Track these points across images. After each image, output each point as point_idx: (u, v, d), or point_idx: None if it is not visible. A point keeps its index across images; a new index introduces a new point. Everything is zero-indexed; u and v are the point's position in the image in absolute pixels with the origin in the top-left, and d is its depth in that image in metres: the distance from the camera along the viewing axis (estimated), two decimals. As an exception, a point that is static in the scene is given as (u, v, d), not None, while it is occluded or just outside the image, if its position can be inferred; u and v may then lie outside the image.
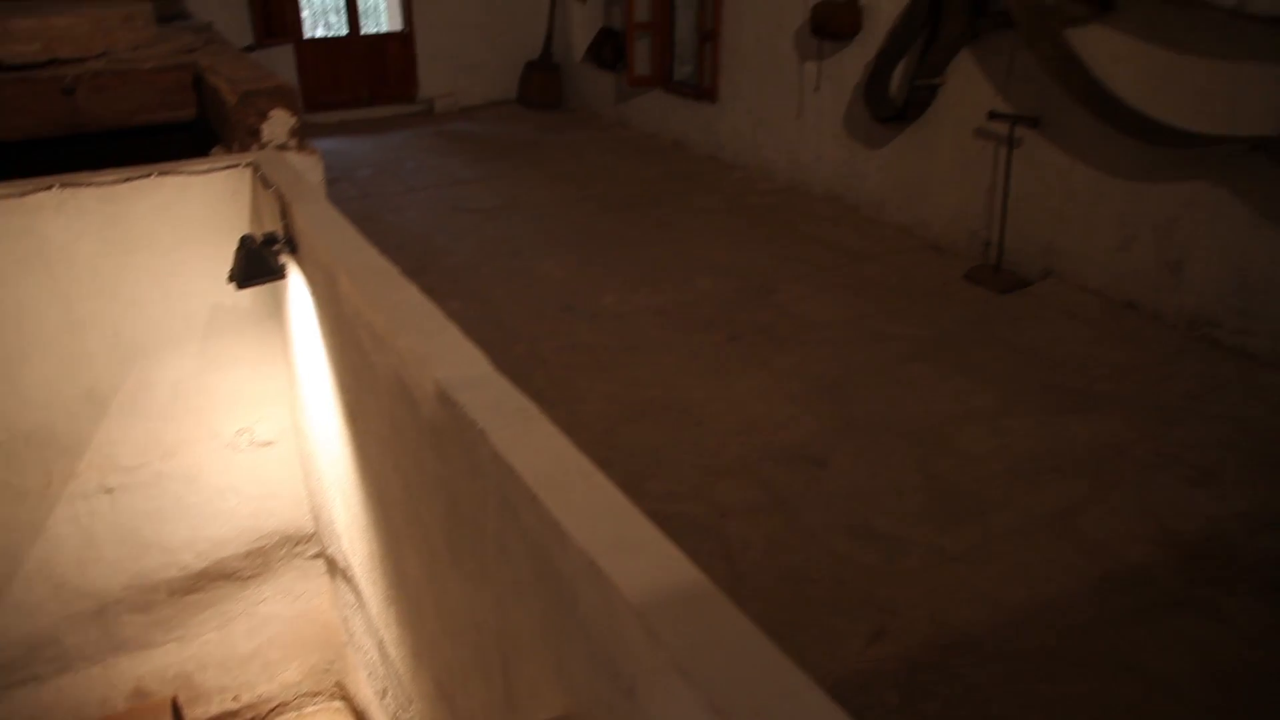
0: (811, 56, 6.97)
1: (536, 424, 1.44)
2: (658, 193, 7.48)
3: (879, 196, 6.64)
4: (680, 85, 8.74)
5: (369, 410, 2.12)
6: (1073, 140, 5.20)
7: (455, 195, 7.54)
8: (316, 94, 10.08)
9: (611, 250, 6.24)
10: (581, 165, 8.33)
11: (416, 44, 10.44)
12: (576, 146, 8.97)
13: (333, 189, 7.37)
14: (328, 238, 2.19)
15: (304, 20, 9.93)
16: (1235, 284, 4.59)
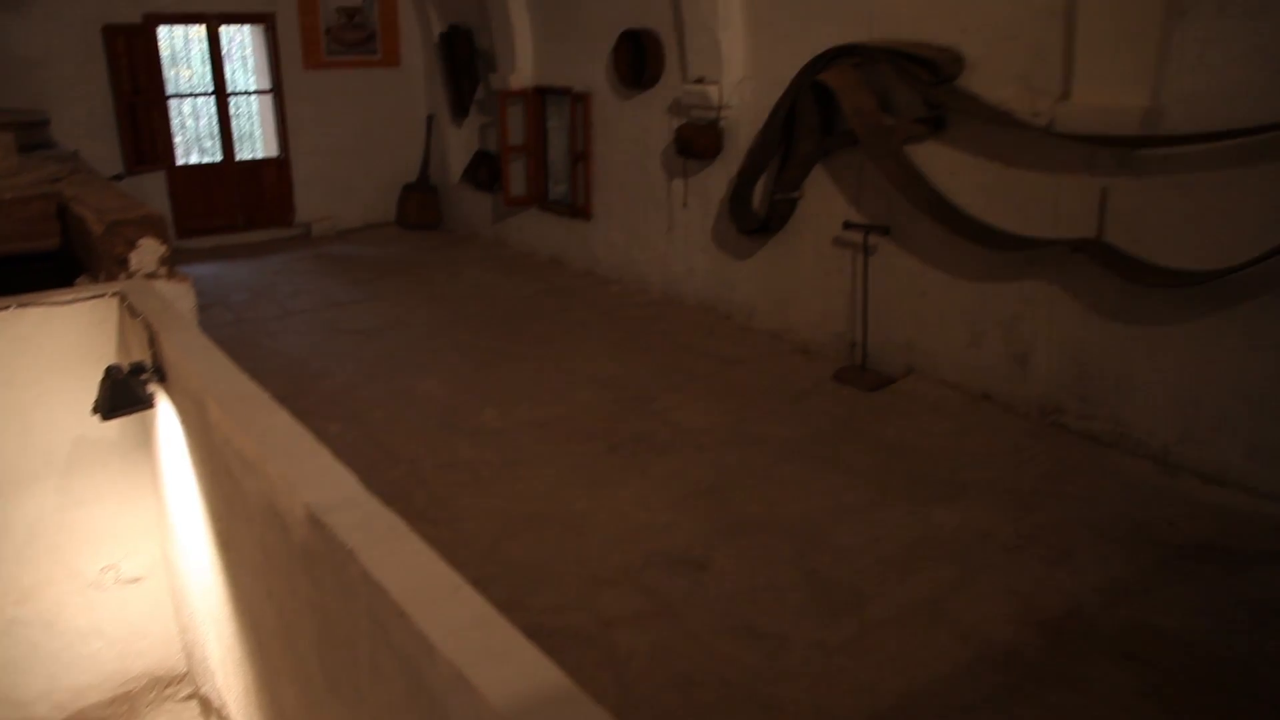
0: (678, 174, 7.32)
1: (406, 542, 1.48)
2: (536, 308, 7.62)
3: (749, 304, 6.94)
4: (556, 204, 9.01)
5: (241, 539, 2.10)
6: (921, 246, 5.59)
7: (334, 317, 7.52)
8: (190, 220, 9.97)
9: (492, 366, 6.30)
10: (460, 284, 8.43)
11: (293, 169, 10.49)
12: (455, 266, 9.09)
13: (206, 315, 7.24)
14: (197, 365, 2.20)
15: (176, 147, 9.88)
16: (1075, 373, 4.96)
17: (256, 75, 10.30)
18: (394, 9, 10.67)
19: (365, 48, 10.63)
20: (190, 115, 10.52)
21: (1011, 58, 4.89)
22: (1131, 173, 4.50)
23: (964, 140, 5.22)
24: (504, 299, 7.92)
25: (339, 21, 10.38)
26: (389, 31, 10.71)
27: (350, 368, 6.34)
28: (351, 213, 10.95)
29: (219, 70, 9.86)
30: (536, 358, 6.46)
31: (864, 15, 5.57)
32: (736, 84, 6.59)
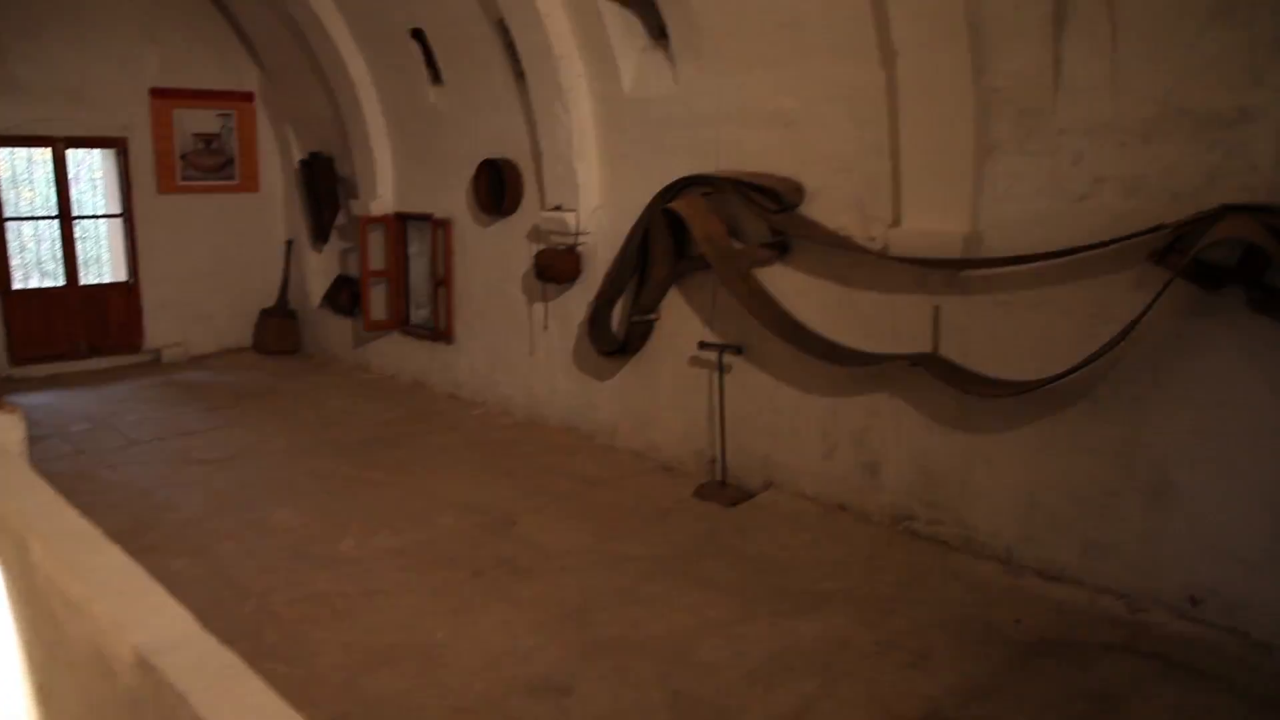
0: (539, 298, 7.45)
1: (245, 682, 1.43)
2: (398, 433, 7.50)
3: (611, 424, 7.02)
4: (417, 328, 8.99)
5: (63, 689, 1.97)
6: (774, 364, 5.82)
7: (183, 447, 7.19)
8: (26, 347, 9.45)
9: (350, 494, 6.13)
10: (319, 410, 8.24)
11: (142, 294, 10.15)
12: (314, 392, 8.89)
13: (39, 448, 6.83)
14: (20, 502, 2.09)
15: (14, 270, 9.43)
16: (922, 481, 5.20)
17: (106, 198, 10.01)
18: (253, 135, 10.65)
19: (223, 173, 10.52)
20: (31, 238, 10.08)
21: (847, 188, 5.26)
22: (959, 292, 4.85)
23: (808, 263, 5.53)
24: (364, 424, 7.77)
25: (195, 147, 10.28)
26: (248, 157, 10.66)
27: (199, 499, 6.06)
28: (205, 338, 10.62)
29: (64, 193, 9.55)
30: (397, 484, 6.33)
31: (711, 148, 5.90)
32: (593, 211, 6.83)
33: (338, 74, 8.70)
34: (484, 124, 7.70)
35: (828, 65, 5.18)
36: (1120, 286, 4.29)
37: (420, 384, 9.04)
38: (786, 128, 5.49)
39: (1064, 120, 4.38)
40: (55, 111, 9.36)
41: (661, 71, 6.18)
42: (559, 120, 6.71)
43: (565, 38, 6.47)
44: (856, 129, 5.15)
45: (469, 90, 7.70)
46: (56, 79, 9.34)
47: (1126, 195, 4.22)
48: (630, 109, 6.41)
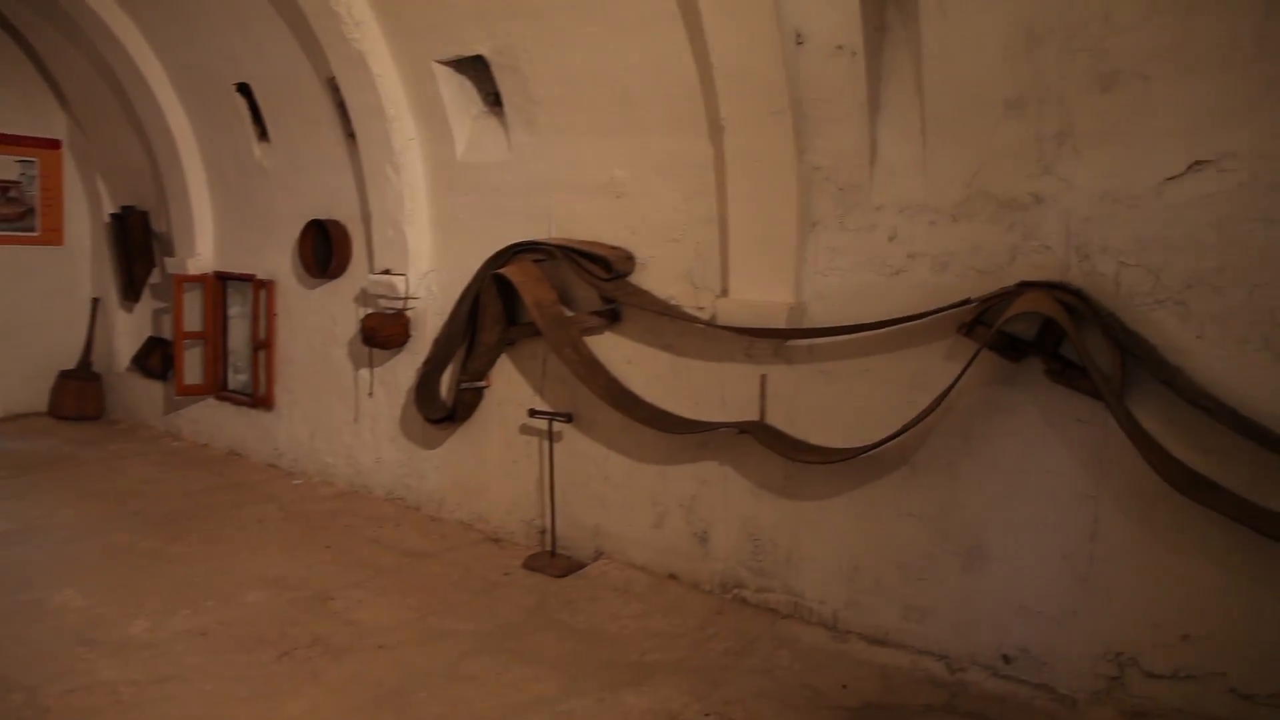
0: (365, 364, 7.17)
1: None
2: (207, 505, 6.99)
3: (439, 495, 6.78)
4: (235, 393, 8.49)
5: None
6: (604, 432, 5.78)
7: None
8: None
9: (149, 571, 5.63)
10: (121, 480, 7.60)
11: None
12: (115, 460, 8.22)
13: None
14: None
15: None
16: (751, 548, 5.22)
17: (-122, 249, 9.08)
18: (58, 185, 9.96)
19: (21, 224, 9.75)
20: None
21: (678, 258, 5.33)
22: (784, 361, 4.96)
23: (638, 332, 5.55)
24: (170, 495, 7.21)
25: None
26: (51, 208, 9.94)
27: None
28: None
29: None
30: (202, 559, 5.86)
31: (544, 215, 5.89)
32: (423, 276, 6.67)
33: (155, 125, 8.26)
34: (312, 183, 7.45)
35: (659, 138, 5.28)
36: (934, 357, 4.48)
37: (236, 453, 8.51)
38: (618, 197, 5.54)
39: (880, 199, 4.59)
40: None
41: (495, 138, 6.16)
42: (389, 182, 6.56)
43: (398, 100, 6.37)
44: (686, 201, 5.25)
45: (297, 148, 7.45)
46: None
47: (938, 270, 4.44)
48: (463, 174, 6.34)
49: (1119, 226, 3.97)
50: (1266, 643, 3.77)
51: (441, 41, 5.97)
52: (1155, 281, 3.91)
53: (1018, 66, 4.07)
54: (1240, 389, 3.73)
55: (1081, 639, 4.20)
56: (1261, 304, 3.70)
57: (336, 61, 6.37)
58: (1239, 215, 3.72)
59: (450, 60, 6.08)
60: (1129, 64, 3.85)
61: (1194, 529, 3.89)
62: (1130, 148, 3.92)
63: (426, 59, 6.11)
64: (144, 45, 7.84)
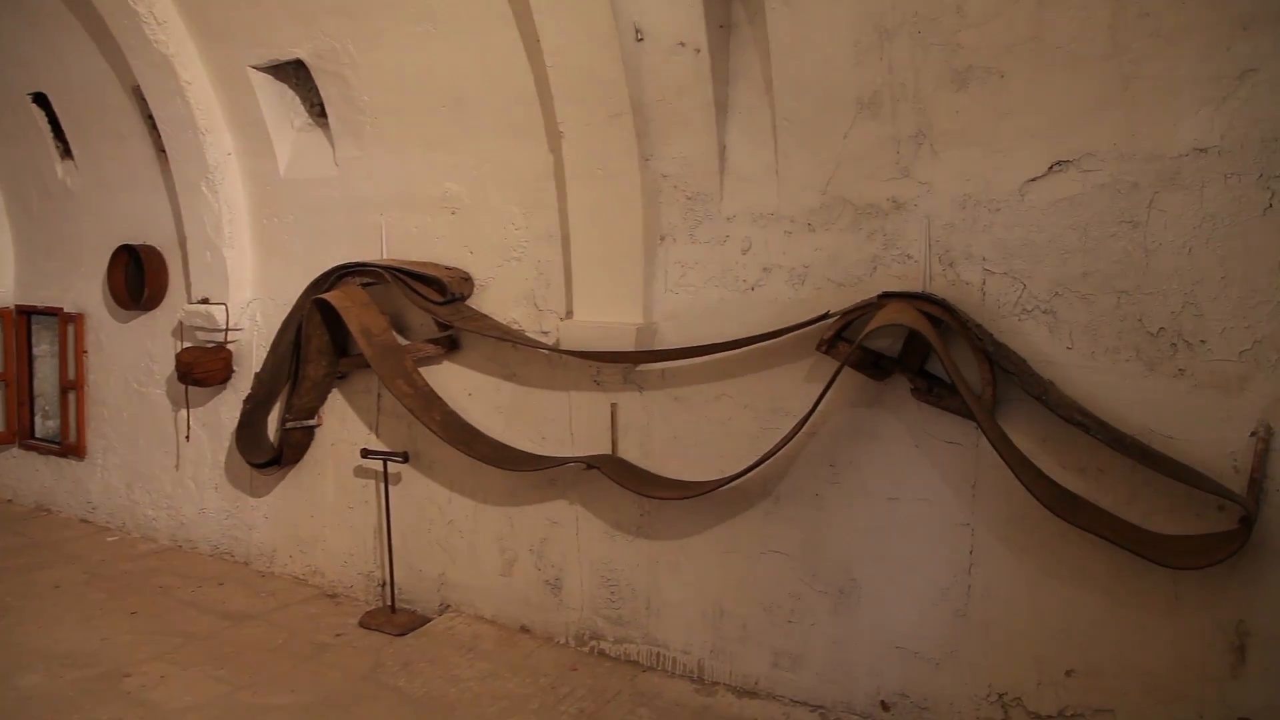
0: (183, 404, 6.43)
1: None
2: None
3: (270, 547, 6.08)
4: (43, 442, 7.57)
5: None
6: (445, 472, 5.23)
7: None
8: None
9: (-96, 655, 4.79)
10: (-105, 546, 6.62)
11: None
12: (-104, 522, 7.19)
13: None
14: None
15: None
16: (607, 595, 4.74)
17: None
18: None
19: None
20: None
21: (519, 279, 4.86)
22: (636, 387, 4.53)
23: (479, 361, 5.04)
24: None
25: None
26: None
27: None
28: None
29: None
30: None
31: (375, 235, 5.34)
32: (246, 304, 6.02)
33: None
34: (122, 205, 6.69)
35: (494, 146, 4.82)
36: (794, 378, 4.12)
37: (44, 508, 7.57)
38: (454, 214, 5.05)
39: (732, 208, 4.22)
40: None
41: (321, 151, 5.59)
42: (205, 202, 5.90)
43: (212, 110, 5.73)
44: (526, 215, 4.80)
45: (104, 167, 6.69)
46: None
47: (795, 284, 4.09)
48: (287, 192, 5.74)
49: (982, 231, 3.69)
50: (1154, 674, 3.49)
51: (256, 45, 5.38)
52: (1023, 290, 3.64)
53: (869, 63, 3.77)
54: (1112, 402, 3.48)
55: (962, 680, 3.88)
56: (1130, 311, 3.45)
57: (140, 67, 5.70)
58: (1102, 218, 3.48)
59: (267, 66, 5.49)
60: (984, 59, 3.58)
61: (1074, 554, 3.61)
62: (990, 148, 3.65)
63: (241, 65, 5.50)
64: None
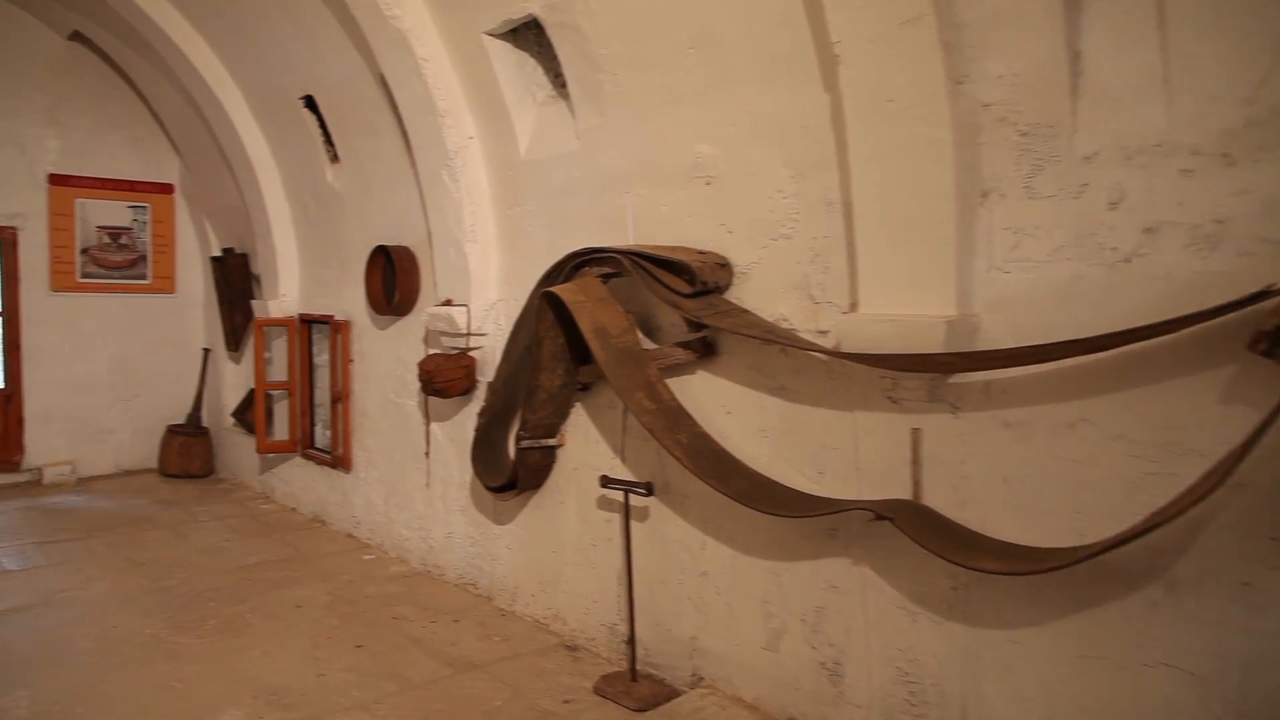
0: (433, 417, 5.90)
1: None
2: (251, 583, 5.86)
3: (512, 583, 5.35)
4: (319, 452, 7.45)
5: None
6: (699, 508, 4.18)
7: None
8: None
9: (128, 671, 4.49)
10: (178, 548, 6.65)
11: (24, 404, 8.76)
12: (189, 524, 7.31)
13: None
14: None
15: None
16: (905, 693, 3.45)
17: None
18: (170, 230, 9.44)
19: (132, 271, 9.27)
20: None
21: (788, 262, 3.72)
22: (947, 407, 3.22)
23: (740, 369, 3.95)
24: (218, 569, 6.15)
25: (100, 241, 9.05)
26: (163, 255, 9.42)
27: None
28: (100, 458, 9.16)
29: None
30: (201, 657, 4.68)
31: (621, 217, 4.43)
32: (490, 306, 5.34)
33: (236, 153, 7.45)
34: (380, 204, 6.33)
35: (754, 92, 3.72)
36: (1202, 396, 2.64)
37: (320, 519, 7.45)
38: (708, 184, 4.00)
39: (1091, 143, 2.82)
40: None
41: (562, 126, 4.77)
42: (447, 193, 5.30)
43: (450, 89, 5.11)
44: (796, 179, 3.64)
45: (363, 165, 6.37)
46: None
47: (1200, 250, 2.62)
48: (529, 175, 4.99)
49: None
50: None
51: (489, 4, 4.66)
52: None
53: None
54: None
55: None
56: None
57: (379, 48, 5.21)
58: None
59: (503, 30, 4.77)
60: None
61: None
62: None
63: (476, 32, 4.82)
64: (215, 62, 7.04)
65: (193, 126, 8.32)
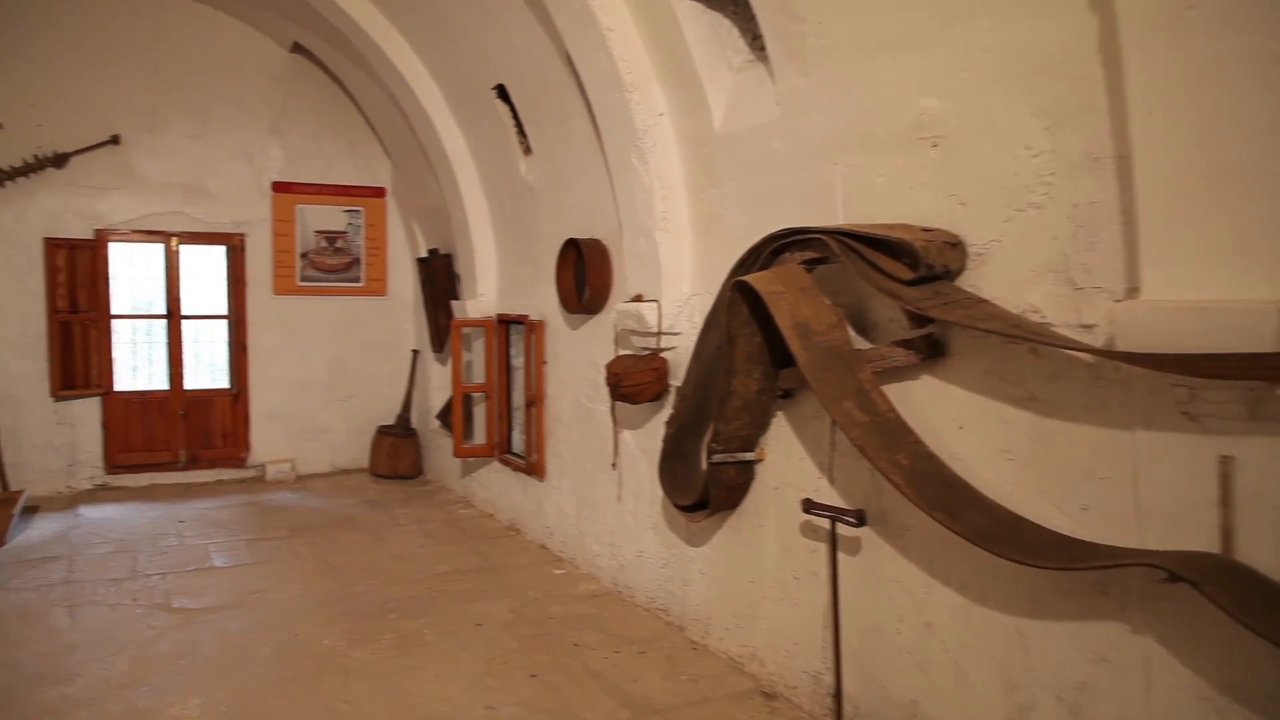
0: (621, 424, 5.42)
1: None
2: (437, 594, 5.60)
3: (705, 613, 4.76)
4: (515, 457, 7.18)
5: None
6: (922, 544, 3.43)
7: (178, 587, 5.71)
8: (125, 453, 8.59)
9: (296, 686, 4.27)
10: (374, 553, 6.54)
11: (250, 403, 9.10)
12: (389, 528, 7.24)
13: (36, 570, 6.02)
14: None
15: (117, 371, 8.62)
16: (1204, 806, 2.57)
17: (217, 298, 9.12)
18: (383, 234, 9.56)
19: (347, 274, 9.45)
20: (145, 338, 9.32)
21: (1040, 236, 2.92)
22: (1272, 429, 2.34)
23: (976, 374, 3.17)
24: (407, 577, 5.95)
25: (318, 245, 9.28)
26: (376, 258, 9.55)
27: (116, 669, 4.48)
28: (317, 456, 9.40)
29: (174, 291, 8.76)
30: (372, 675, 4.40)
31: (828, 193, 3.74)
32: (684, 302, 4.79)
33: (436, 150, 7.32)
34: (572, 195, 5.94)
35: (989, 24, 2.95)
36: None
37: (515, 528, 7.18)
38: (934, 147, 3.25)
39: None
40: (173, 205, 8.68)
41: (760, 91, 4.15)
42: (635, 176, 4.80)
43: (638, 61, 4.61)
44: (1049, 130, 2.84)
45: (555, 154, 6.00)
46: (176, 173, 8.68)
47: None
48: (724, 151, 4.39)
49: None
50: None
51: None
52: None
53: None
54: None
55: None
56: None
57: (563, 22, 4.78)
58: None
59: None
60: None
61: None
62: None
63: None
64: (413, 57, 6.92)
65: (401, 129, 8.31)
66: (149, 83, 8.52)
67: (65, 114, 8.21)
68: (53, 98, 8.16)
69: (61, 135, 8.22)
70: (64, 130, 8.22)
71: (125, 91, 8.44)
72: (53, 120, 8.17)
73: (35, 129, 8.13)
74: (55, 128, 8.19)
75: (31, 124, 8.12)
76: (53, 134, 8.18)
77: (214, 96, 8.78)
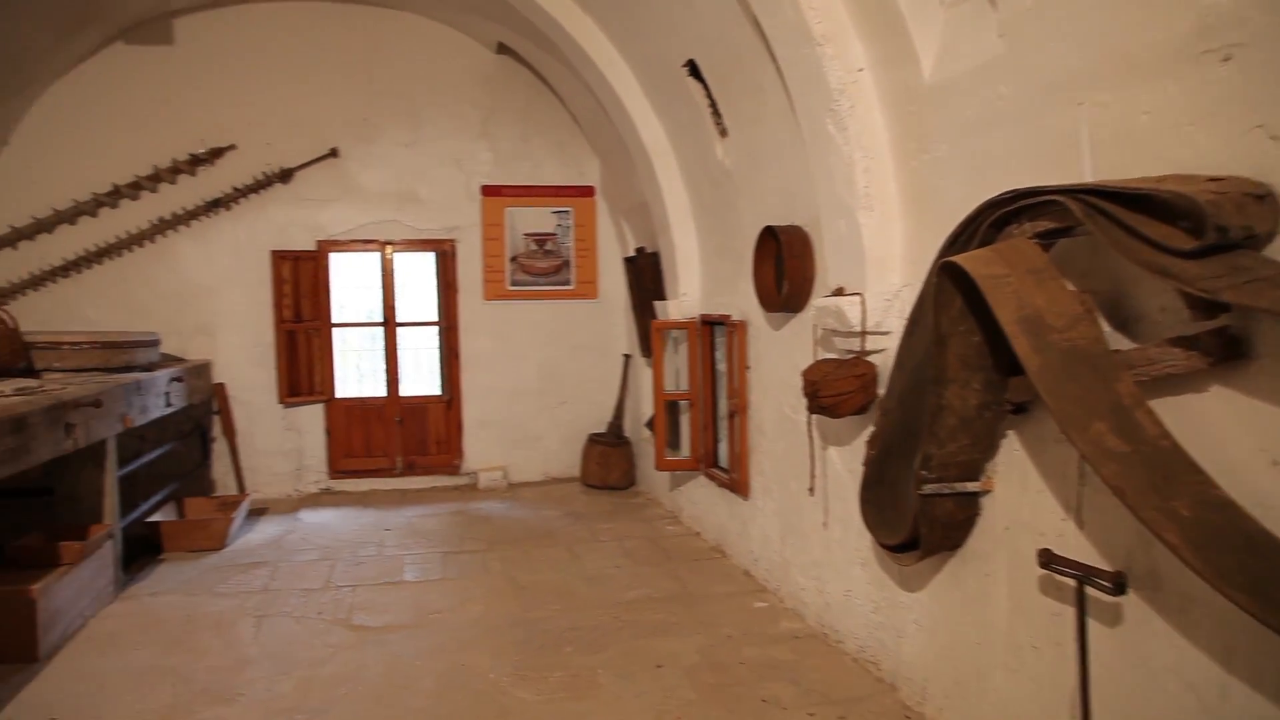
0: (829, 439, 4.65)
1: None
2: (619, 626, 5.07)
3: (921, 672, 3.91)
4: (719, 471, 6.54)
5: None
6: (1216, 629, 2.46)
7: (364, 601, 5.54)
8: (345, 459, 8.78)
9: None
10: (567, 571, 6.12)
11: (463, 410, 9.04)
12: (589, 544, 6.81)
13: (243, 576, 6.11)
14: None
15: (338, 378, 8.82)
16: None
17: (430, 305, 9.14)
18: (592, 235, 9.22)
19: (556, 277, 9.19)
20: (366, 345, 9.48)
21: (1407, 182, 1.92)
22: None
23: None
24: (593, 603, 5.46)
25: (527, 249, 9.08)
26: (585, 260, 9.23)
27: (266, 693, 4.24)
28: (530, 464, 9.20)
29: (389, 299, 8.85)
30: (544, 718, 3.92)
31: (1069, 143, 2.83)
32: (894, 295, 3.96)
33: (633, 139, 6.84)
34: (769, 178, 5.23)
35: None
36: None
37: (719, 549, 6.54)
38: (1225, 60, 2.30)
39: None
40: (387, 214, 8.77)
41: (979, 24, 3.27)
42: (833, 146, 4.02)
43: (831, 7, 3.84)
44: None
45: (750, 133, 5.31)
46: (390, 181, 8.76)
47: None
48: (936, 106, 3.54)
49: None
50: None
51: None
52: None
53: None
54: None
55: None
56: None
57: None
58: None
59: (896, -100, 3.39)
60: None
61: None
62: None
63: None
64: (603, 39, 6.46)
65: (605, 123, 7.90)
66: (363, 94, 8.63)
67: (289, 130, 8.46)
68: (278, 115, 8.43)
69: (287, 151, 8.47)
70: (289, 146, 8.47)
71: (342, 104, 8.59)
72: (279, 137, 8.45)
73: (264, 147, 8.44)
74: (282, 144, 8.46)
75: (260, 143, 8.42)
76: (280, 151, 8.46)
77: (424, 103, 8.78)
